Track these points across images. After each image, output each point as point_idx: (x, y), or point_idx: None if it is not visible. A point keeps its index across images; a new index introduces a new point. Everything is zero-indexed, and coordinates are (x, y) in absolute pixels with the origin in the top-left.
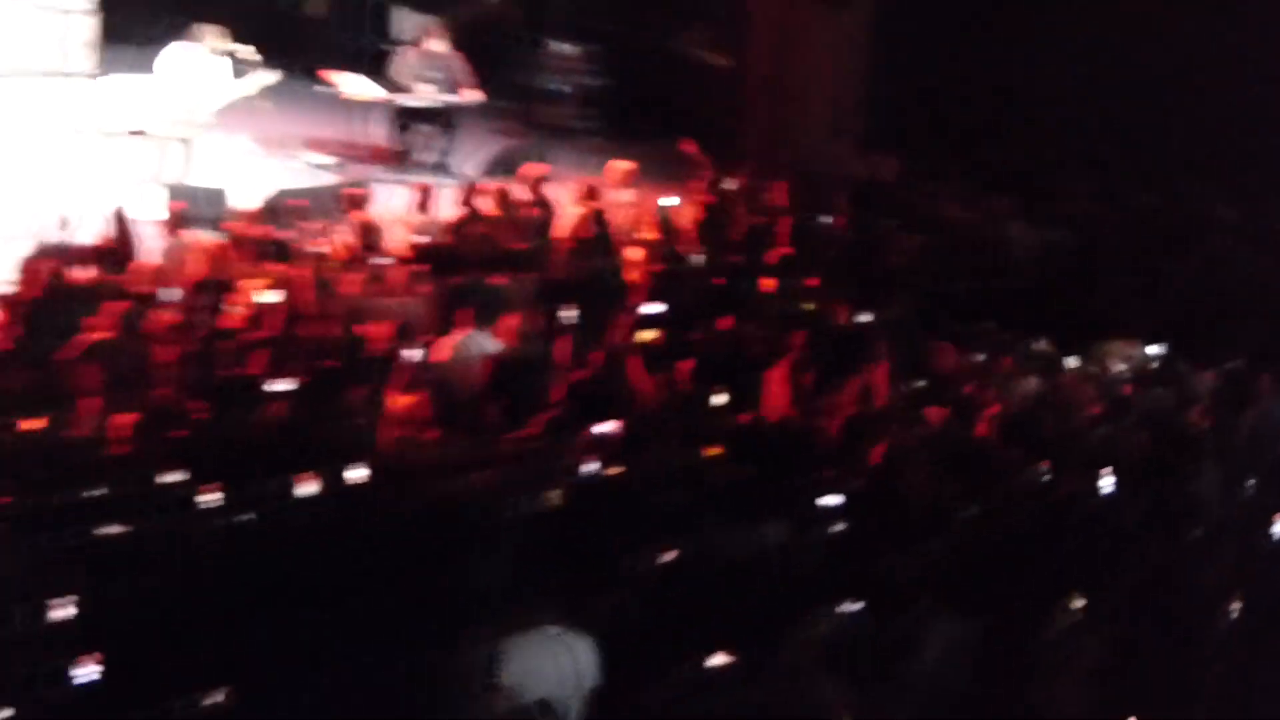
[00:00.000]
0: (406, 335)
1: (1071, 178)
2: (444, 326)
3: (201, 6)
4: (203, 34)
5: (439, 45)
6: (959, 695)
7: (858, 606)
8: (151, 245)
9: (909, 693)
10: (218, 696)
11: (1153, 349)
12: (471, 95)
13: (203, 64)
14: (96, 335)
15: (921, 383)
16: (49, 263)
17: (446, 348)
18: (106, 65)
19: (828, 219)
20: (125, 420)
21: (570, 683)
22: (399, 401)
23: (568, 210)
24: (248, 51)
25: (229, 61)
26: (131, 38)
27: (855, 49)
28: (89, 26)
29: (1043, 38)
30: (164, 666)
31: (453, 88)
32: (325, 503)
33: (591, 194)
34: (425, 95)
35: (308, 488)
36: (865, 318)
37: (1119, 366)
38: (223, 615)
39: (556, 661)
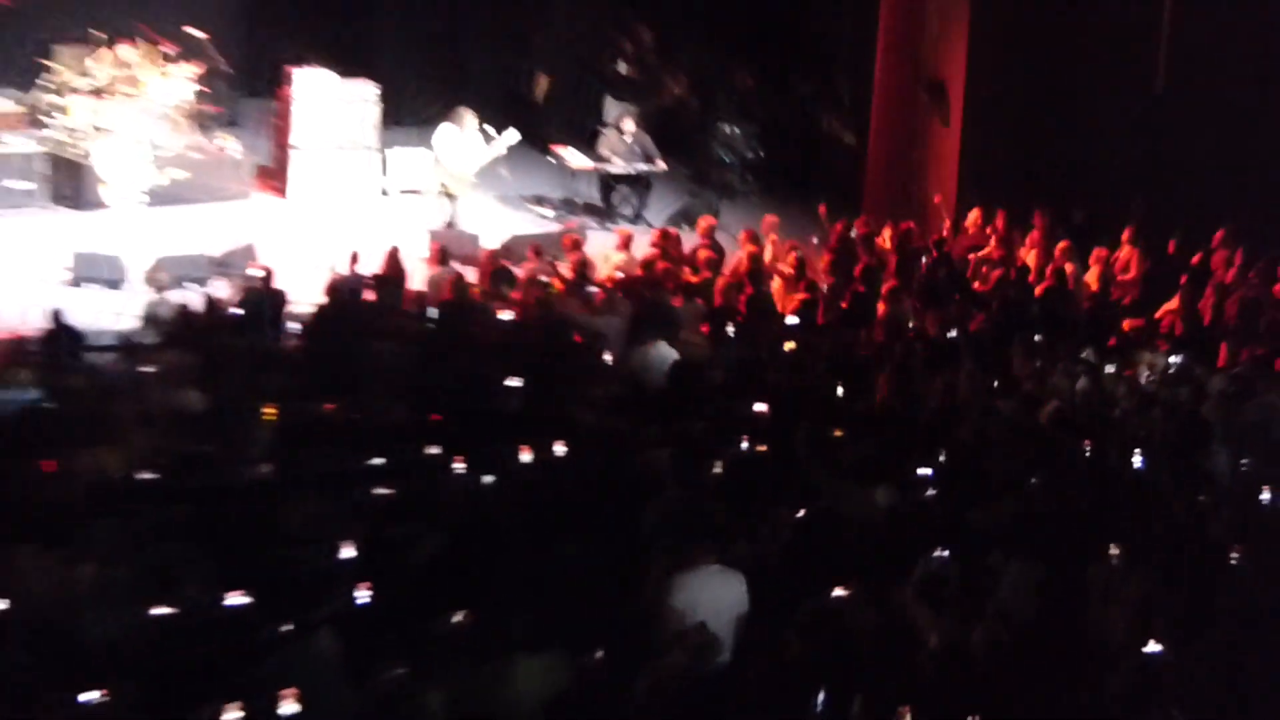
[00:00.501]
0: (608, 345)
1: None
2: (636, 338)
3: (461, 94)
4: (463, 116)
5: (634, 125)
6: (1027, 623)
7: (947, 553)
8: (419, 275)
9: (988, 620)
10: (462, 617)
11: (1173, 357)
12: (659, 164)
13: (464, 138)
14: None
15: (996, 382)
16: (345, 286)
17: (637, 355)
18: (389, 140)
19: (928, 258)
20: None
21: (725, 610)
22: (602, 393)
23: (732, 252)
24: (502, 131)
25: (482, 136)
26: (407, 119)
27: (949, 132)
28: (376, 112)
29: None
30: (422, 594)
31: (645, 158)
32: (545, 468)
33: (750, 240)
34: (624, 164)
35: (529, 456)
36: (953, 333)
37: (1146, 371)
38: (469, 554)
39: (714, 593)
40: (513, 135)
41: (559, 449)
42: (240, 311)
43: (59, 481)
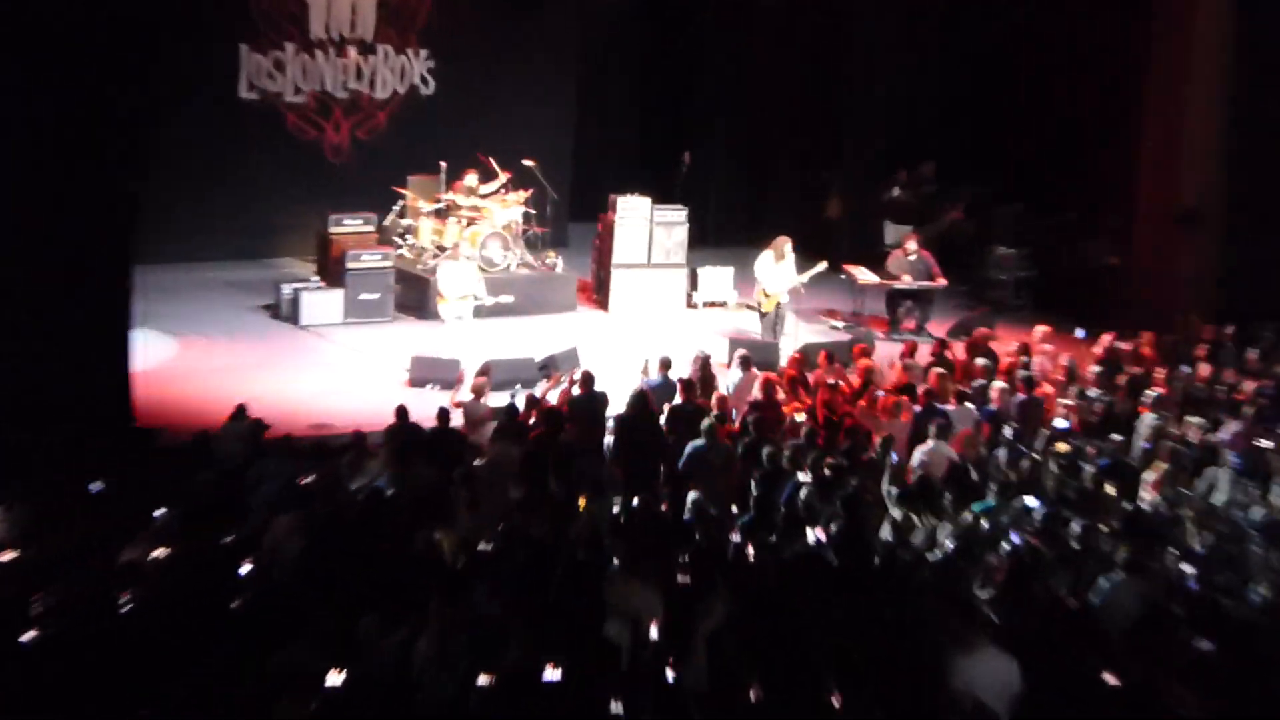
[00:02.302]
0: (892, 443)
1: None
2: (917, 439)
3: (762, 218)
4: (783, 244)
5: (917, 247)
6: None
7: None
8: (725, 380)
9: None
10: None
11: None
12: (940, 281)
13: (780, 263)
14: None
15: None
16: (657, 390)
17: (919, 453)
18: (696, 258)
19: (1187, 369)
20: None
21: (1002, 689)
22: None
23: (1006, 360)
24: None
25: (792, 258)
26: (712, 240)
27: (1204, 256)
28: (685, 233)
29: None
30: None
31: (927, 276)
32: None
33: (1023, 350)
34: (908, 282)
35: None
36: (1215, 437)
37: None
38: (763, 628)
39: (991, 674)
40: (822, 265)
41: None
42: (564, 410)
43: (400, 560)
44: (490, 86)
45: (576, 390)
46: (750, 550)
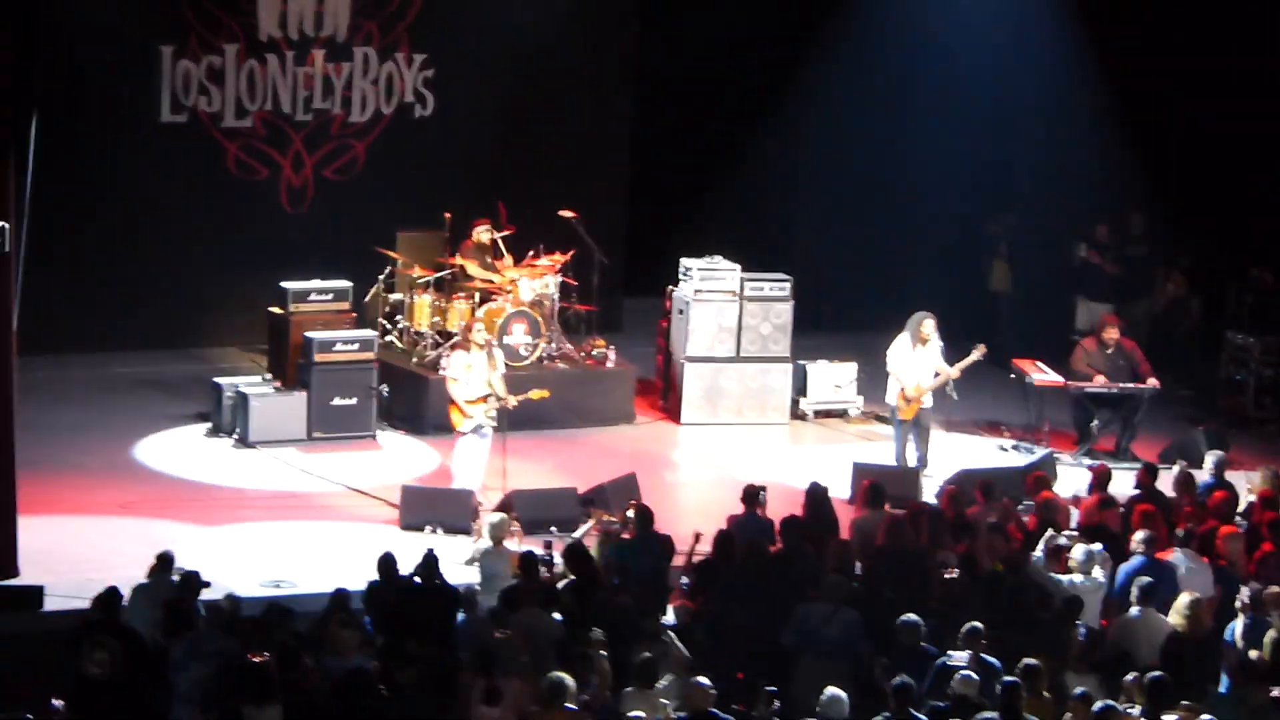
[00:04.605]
0: (1080, 608)
1: None
2: (1121, 605)
3: (905, 295)
4: (921, 322)
5: (1117, 334)
6: None
7: None
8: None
9: None
10: None
11: None
12: (1150, 382)
13: (916, 347)
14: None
15: None
16: (745, 533)
17: (1118, 623)
18: (805, 349)
19: None
20: None
21: None
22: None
23: (1247, 496)
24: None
25: (938, 345)
26: (828, 324)
27: None
28: (788, 312)
29: None
30: None
31: (1131, 374)
32: None
33: (1272, 480)
34: (1103, 383)
35: None
36: None
37: None
38: None
39: None
40: (980, 352)
41: None
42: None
43: None
44: (512, 104)
45: (629, 533)
46: None
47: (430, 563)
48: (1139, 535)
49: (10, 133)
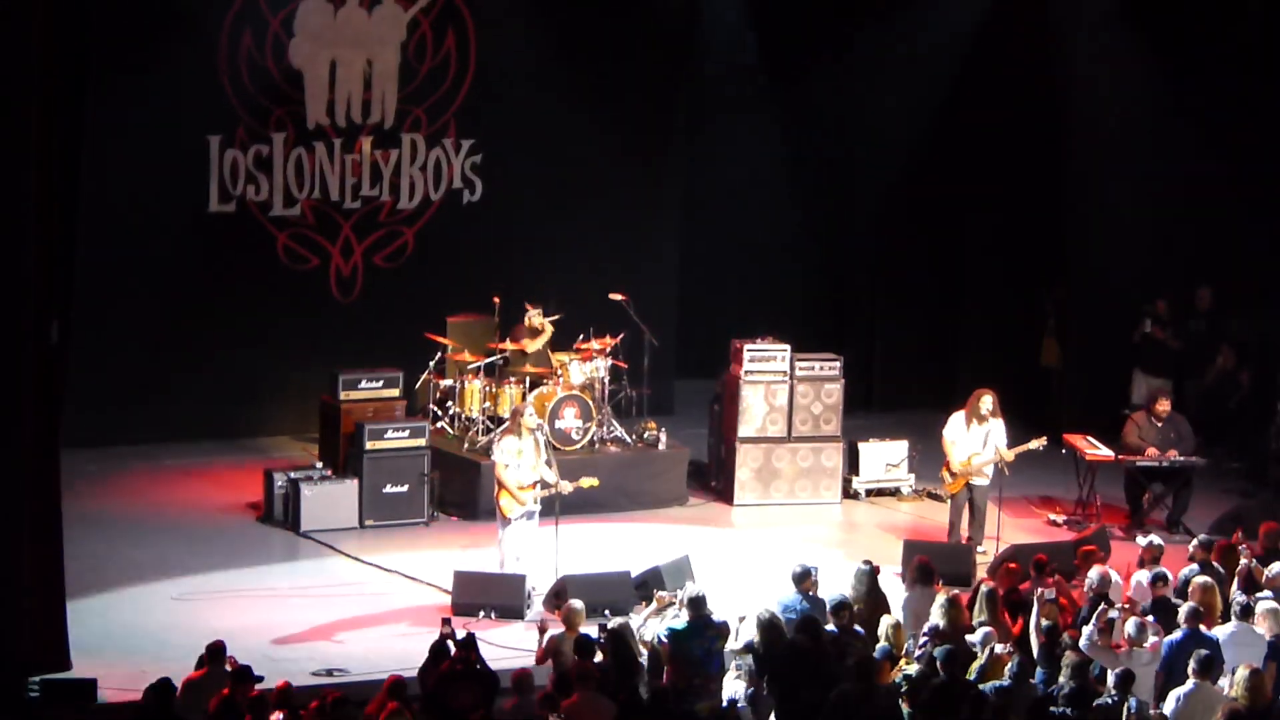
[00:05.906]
0: (1133, 683)
1: None
2: (1173, 678)
3: (959, 372)
4: (977, 397)
5: (1169, 407)
6: None
7: None
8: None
9: None
10: None
11: None
12: (1201, 456)
13: (971, 425)
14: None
15: None
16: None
17: (1174, 699)
18: (857, 429)
19: None
20: None
21: None
22: None
23: None
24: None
25: (996, 423)
26: (879, 404)
27: None
28: (840, 391)
29: None
30: None
31: (1184, 448)
32: None
33: None
34: (1155, 456)
35: None
36: None
37: None
38: None
39: None
40: (1040, 442)
41: None
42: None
43: None
44: (559, 188)
45: (680, 618)
46: None
47: (469, 646)
48: (1185, 608)
49: (58, 226)
